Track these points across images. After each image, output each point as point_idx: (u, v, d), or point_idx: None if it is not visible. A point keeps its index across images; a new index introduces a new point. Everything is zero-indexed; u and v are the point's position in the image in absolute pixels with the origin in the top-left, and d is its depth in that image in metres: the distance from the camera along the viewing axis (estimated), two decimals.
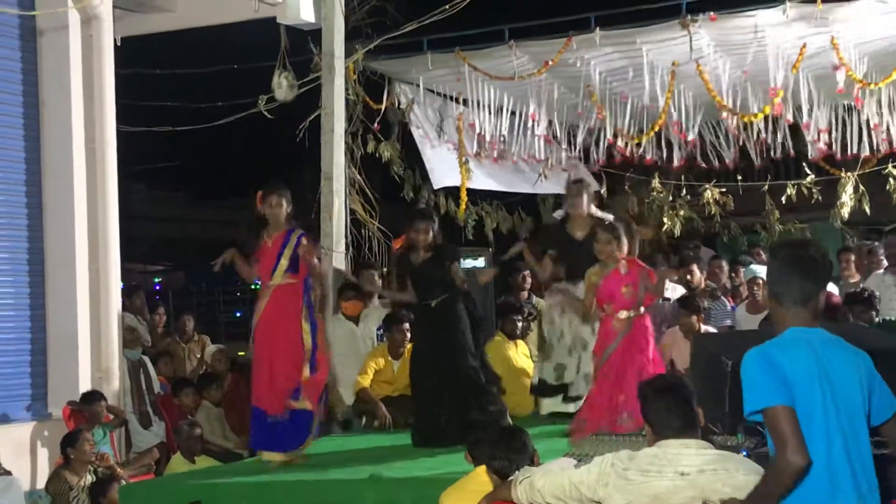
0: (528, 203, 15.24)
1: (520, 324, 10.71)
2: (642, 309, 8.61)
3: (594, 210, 9.70)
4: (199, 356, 12.19)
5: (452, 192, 13.25)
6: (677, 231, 14.53)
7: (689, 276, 11.20)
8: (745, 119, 11.29)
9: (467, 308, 9.06)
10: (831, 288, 10.44)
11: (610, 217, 9.65)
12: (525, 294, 11.65)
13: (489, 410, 8.71)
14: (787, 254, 4.43)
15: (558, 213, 10.15)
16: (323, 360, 8.48)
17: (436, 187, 13.02)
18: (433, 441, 8.65)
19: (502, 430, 5.96)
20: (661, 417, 4.95)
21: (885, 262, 10.47)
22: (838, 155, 12.22)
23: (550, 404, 9.64)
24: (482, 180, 13.25)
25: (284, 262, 8.26)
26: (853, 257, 11.07)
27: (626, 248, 8.74)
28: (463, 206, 13.08)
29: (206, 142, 19.76)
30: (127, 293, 11.71)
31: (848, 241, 13.55)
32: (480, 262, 14.50)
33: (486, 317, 10.65)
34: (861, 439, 4.25)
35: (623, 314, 8.55)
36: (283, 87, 11.63)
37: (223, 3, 11.76)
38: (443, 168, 12.97)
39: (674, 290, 10.94)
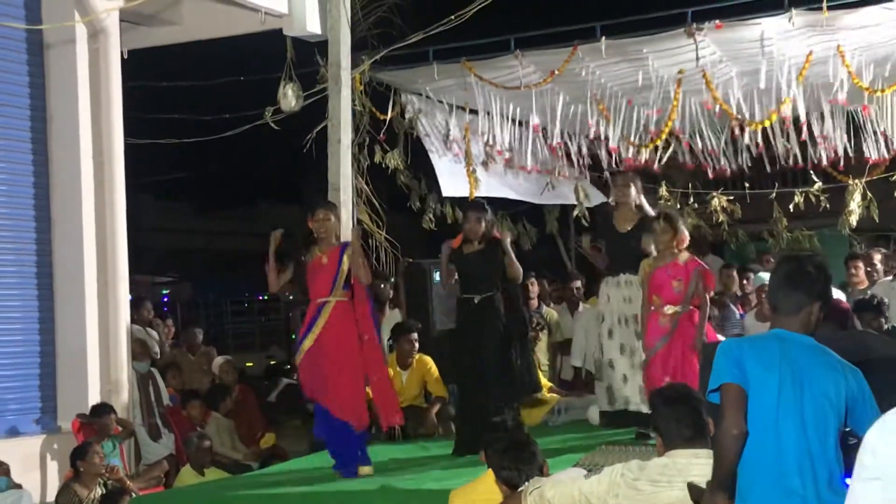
0: (533, 213, 15.24)
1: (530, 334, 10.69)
2: (690, 307, 8.58)
3: (642, 201, 9.59)
4: (205, 368, 12.20)
5: (458, 202, 13.26)
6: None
7: None
8: (752, 127, 11.28)
9: (514, 307, 9.01)
10: (839, 295, 10.43)
11: (652, 212, 9.54)
12: (535, 303, 11.65)
13: (514, 415, 8.68)
14: (784, 268, 4.66)
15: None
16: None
17: (444, 195, 13.03)
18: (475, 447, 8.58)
19: (512, 440, 5.95)
20: (671, 427, 4.96)
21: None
22: (846, 162, 12.20)
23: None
24: (489, 189, 13.25)
25: (343, 276, 8.27)
26: (861, 264, 11.05)
27: (685, 239, 8.68)
28: None
29: (213, 154, 19.83)
30: (134, 305, 11.72)
31: (856, 248, 13.53)
32: None
33: None
34: (822, 435, 4.36)
35: (670, 309, 8.50)
36: (289, 97, 11.65)
37: (229, 16, 11.77)
38: (450, 177, 12.99)
39: None
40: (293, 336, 11.61)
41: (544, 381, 10.53)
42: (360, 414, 8.28)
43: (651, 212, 9.43)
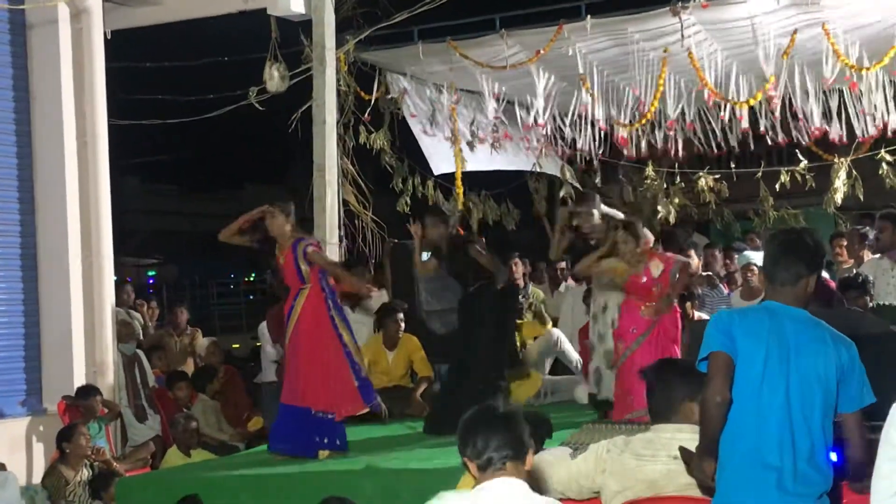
0: (517, 193, 15.20)
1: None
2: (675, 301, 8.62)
3: (605, 210, 9.64)
4: (189, 349, 12.18)
5: (441, 184, 13.24)
6: (672, 219, 14.52)
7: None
8: (738, 105, 11.27)
9: (502, 295, 9.04)
10: (824, 274, 10.46)
11: (619, 214, 9.61)
12: (521, 282, 11.65)
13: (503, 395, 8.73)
14: (783, 238, 4.68)
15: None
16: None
17: (435, 173, 13.02)
18: (446, 428, 8.61)
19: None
20: (658, 401, 4.98)
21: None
22: (832, 140, 12.20)
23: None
24: (478, 163, 13.27)
25: (306, 270, 8.31)
26: (845, 242, 11.06)
27: (649, 241, 8.69)
28: (461, 195, 13.06)
29: (198, 135, 19.78)
30: (115, 287, 11.68)
31: (841, 226, 13.54)
32: None
33: None
34: (806, 407, 4.38)
35: (651, 304, 8.55)
36: (275, 78, 11.61)
37: None
38: (439, 156, 12.98)
39: None
40: None
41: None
42: (324, 398, 8.29)
43: (618, 215, 9.51)
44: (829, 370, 4.41)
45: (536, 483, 5.44)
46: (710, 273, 11.66)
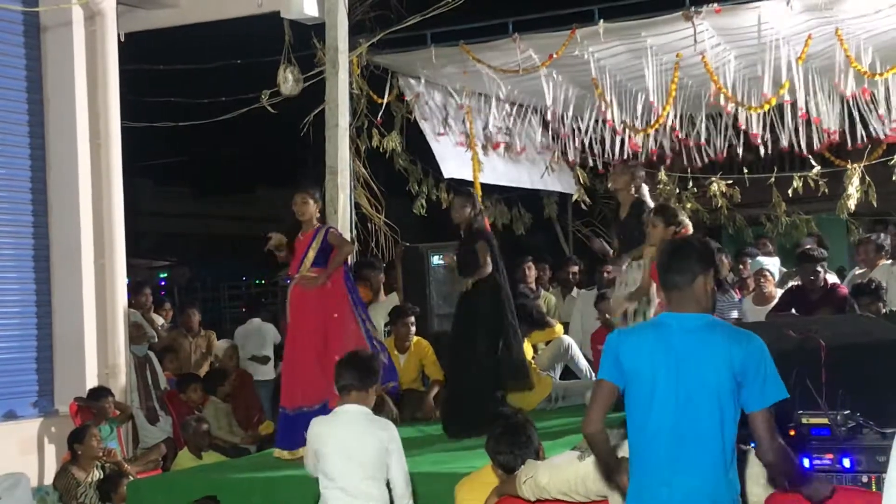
0: (529, 197, 15.20)
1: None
2: None
3: (643, 192, 9.56)
4: (203, 351, 12.19)
5: (454, 187, 13.22)
6: None
7: None
8: (751, 110, 11.25)
9: (502, 293, 9.00)
10: (835, 279, 10.43)
11: (651, 203, 9.54)
12: (533, 286, 11.64)
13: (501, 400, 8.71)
14: (667, 249, 4.76)
15: None
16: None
17: (446, 176, 12.99)
18: (465, 431, 8.59)
19: (507, 424, 5.95)
20: None
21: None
22: (848, 145, 12.17)
23: None
24: (488, 174, 13.23)
25: (311, 254, 8.43)
26: (862, 248, 11.02)
27: (688, 230, 8.65)
28: (479, 197, 13.03)
29: (211, 137, 19.79)
30: (133, 290, 11.72)
31: (854, 232, 13.51)
32: None
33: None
34: (696, 421, 4.37)
35: None
36: (288, 81, 11.62)
37: None
38: (451, 159, 12.96)
39: None
40: None
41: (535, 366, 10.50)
42: (307, 393, 8.33)
43: (650, 203, 9.42)
44: (722, 376, 4.38)
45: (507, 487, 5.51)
46: (722, 278, 11.62)
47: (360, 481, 5.87)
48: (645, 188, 9.36)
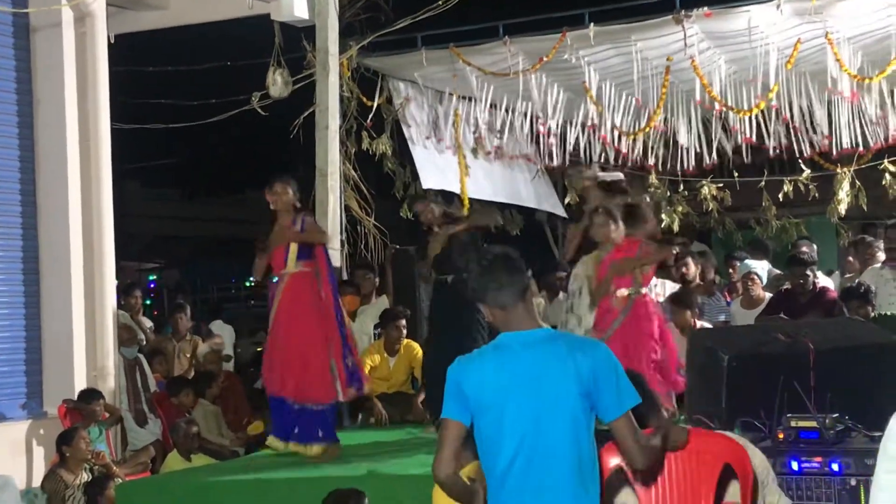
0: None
1: None
2: (644, 289, 8.54)
3: (602, 175, 9.53)
4: (188, 356, 12.15)
5: (443, 190, 13.19)
6: (675, 227, 14.51)
7: (684, 269, 11.14)
8: (741, 114, 11.27)
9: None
10: (826, 282, 10.45)
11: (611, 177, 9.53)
12: None
13: None
14: (486, 263, 4.36)
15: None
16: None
17: (425, 186, 12.96)
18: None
19: None
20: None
21: (882, 256, 10.44)
22: (834, 151, 12.18)
23: None
24: (471, 188, 13.14)
25: (294, 247, 8.29)
26: (852, 251, 11.06)
27: (620, 231, 8.63)
28: (466, 202, 13.02)
29: (200, 139, 19.77)
30: (123, 292, 11.69)
31: (843, 236, 13.54)
32: None
33: None
34: (551, 441, 4.15)
35: (623, 291, 8.46)
36: (277, 83, 11.63)
37: (217, 0, 11.74)
38: (432, 168, 12.92)
39: (663, 287, 10.86)
40: None
41: None
42: (303, 390, 8.28)
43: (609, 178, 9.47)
44: (571, 388, 4.15)
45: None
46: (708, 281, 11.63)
47: None
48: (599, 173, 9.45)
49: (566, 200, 14.30)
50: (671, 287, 10.74)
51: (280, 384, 8.33)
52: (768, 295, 10.46)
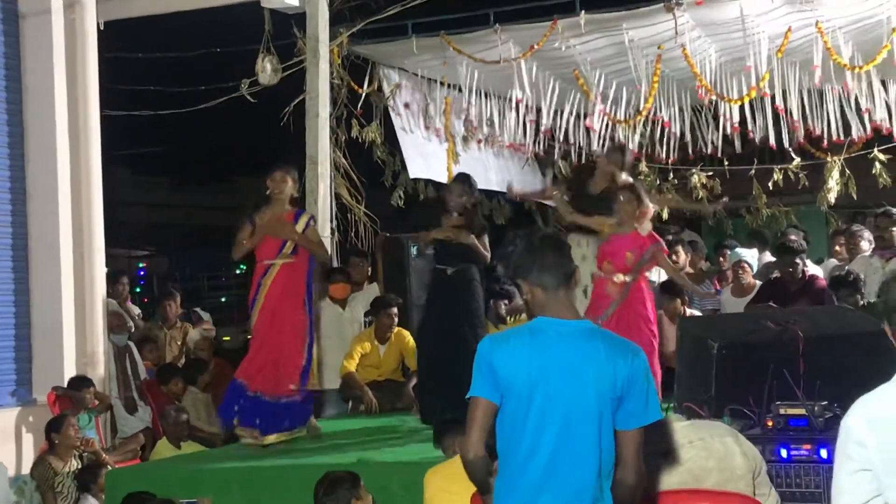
0: None
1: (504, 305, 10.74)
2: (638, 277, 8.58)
3: (623, 177, 9.53)
4: (179, 343, 12.13)
5: (432, 180, 13.18)
6: (664, 215, 14.51)
7: (674, 258, 11.15)
8: (731, 103, 11.28)
9: (485, 282, 8.99)
10: (815, 270, 10.47)
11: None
12: None
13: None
14: (536, 240, 4.26)
15: None
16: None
17: (412, 176, 12.96)
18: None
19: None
20: None
21: (870, 244, 10.44)
22: (825, 139, 12.21)
23: None
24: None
25: (291, 243, 8.28)
26: (843, 240, 11.06)
27: (647, 212, 8.64)
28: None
29: (190, 126, 19.71)
30: (110, 279, 11.67)
31: (833, 224, 13.56)
32: None
33: None
34: (574, 439, 4.07)
35: (619, 277, 8.47)
36: (267, 71, 11.61)
37: None
38: (420, 158, 12.90)
39: (657, 274, 10.88)
40: None
41: None
42: (276, 383, 8.31)
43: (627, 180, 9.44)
44: (604, 391, 4.06)
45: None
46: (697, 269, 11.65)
47: None
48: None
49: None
50: (662, 274, 10.77)
51: (261, 381, 8.35)
52: (758, 283, 10.48)
